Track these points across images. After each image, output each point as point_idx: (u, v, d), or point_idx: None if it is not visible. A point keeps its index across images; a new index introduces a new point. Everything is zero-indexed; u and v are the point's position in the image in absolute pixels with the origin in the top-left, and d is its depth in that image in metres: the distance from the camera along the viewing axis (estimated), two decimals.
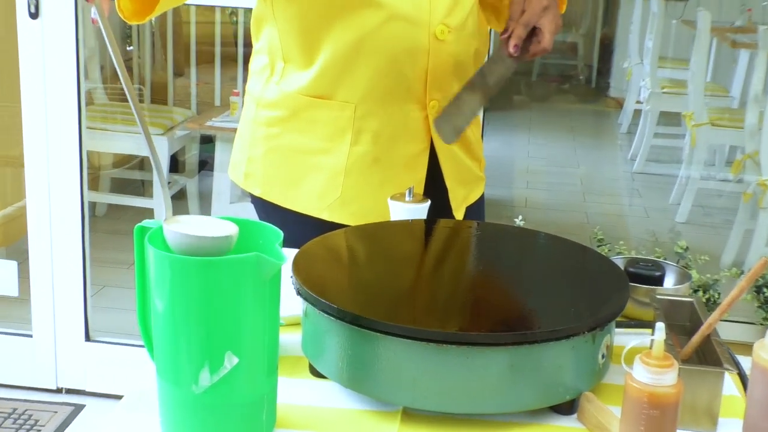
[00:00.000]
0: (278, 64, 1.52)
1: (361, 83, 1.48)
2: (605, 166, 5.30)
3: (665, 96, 5.04)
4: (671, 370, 0.88)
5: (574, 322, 0.98)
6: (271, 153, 1.55)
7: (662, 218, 4.32)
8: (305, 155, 1.53)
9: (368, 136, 1.50)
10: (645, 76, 5.23)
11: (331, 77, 1.48)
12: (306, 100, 1.50)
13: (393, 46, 1.45)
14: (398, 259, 1.23)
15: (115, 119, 3.96)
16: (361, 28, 1.44)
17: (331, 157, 1.51)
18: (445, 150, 1.54)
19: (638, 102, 5.58)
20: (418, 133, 1.52)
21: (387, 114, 1.49)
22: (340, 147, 1.50)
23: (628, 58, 6.03)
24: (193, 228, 0.92)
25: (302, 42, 1.48)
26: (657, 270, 1.30)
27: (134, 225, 1.00)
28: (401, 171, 1.52)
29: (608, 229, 3.83)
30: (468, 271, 1.22)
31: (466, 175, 1.61)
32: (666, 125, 5.07)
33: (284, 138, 1.54)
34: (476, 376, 0.95)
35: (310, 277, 1.06)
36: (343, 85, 1.49)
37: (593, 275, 1.17)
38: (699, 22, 4.27)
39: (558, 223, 4.31)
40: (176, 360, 0.91)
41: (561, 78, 7.51)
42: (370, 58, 1.45)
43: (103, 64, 4.27)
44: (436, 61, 1.47)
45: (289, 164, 1.54)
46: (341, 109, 1.48)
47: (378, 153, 1.51)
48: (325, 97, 1.49)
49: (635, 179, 4.99)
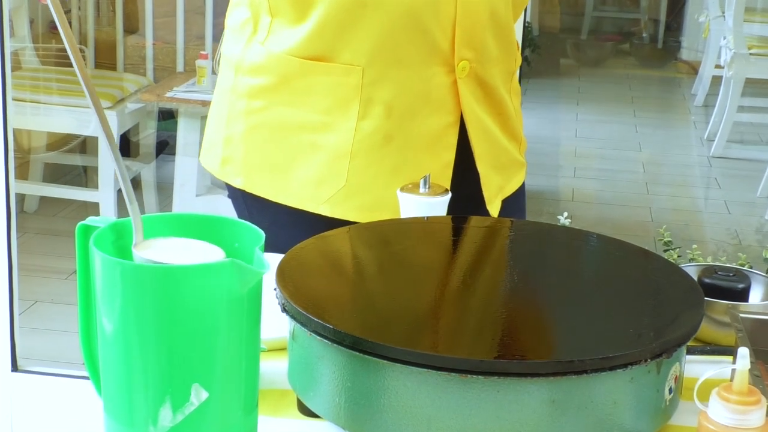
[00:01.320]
0: (264, 19, 1.54)
1: (369, 40, 1.50)
2: (675, 149, 5.32)
3: (753, 58, 5.05)
4: (758, 409, 0.89)
5: (634, 348, 0.99)
6: (255, 131, 1.57)
7: (748, 215, 4.34)
8: (299, 133, 1.55)
9: (380, 107, 1.52)
10: (727, 32, 5.24)
11: (332, 34, 1.50)
12: (300, 64, 1.53)
13: None
14: (412, 267, 1.24)
15: (50, 89, 3.98)
16: None
17: (333, 136, 1.53)
18: (478, 124, 1.55)
19: (718, 66, 5.59)
20: (444, 104, 1.54)
21: (404, 79, 1.52)
22: (344, 122, 1.53)
23: (705, 11, 6.05)
24: (172, 255, 0.93)
25: None
26: (740, 281, 1.30)
27: (73, 223, 1.00)
28: (422, 153, 1.54)
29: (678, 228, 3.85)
30: (500, 284, 1.23)
31: (503, 158, 1.63)
32: (754, 96, 5.07)
33: (272, 112, 1.56)
34: (509, 414, 0.96)
35: (299, 290, 1.07)
36: (348, 44, 1.51)
37: (658, 288, 1.18)
38: None
39: (614, 221, 4.33)
40: (130, 394, 0.92)
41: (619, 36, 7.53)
42: (380, 7, 1.48)
43: (33, 18, 4.29)
44: (467, 9, 1.49)
45: (279, 145, 1.56)
46: (345, 73, 1.51)
47: (392, 129, 1.53)
48: (325, 59, 1.51)
49: (713, 165, 5.01)
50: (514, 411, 0.97)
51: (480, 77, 1.56)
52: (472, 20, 1.50)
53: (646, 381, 1.00)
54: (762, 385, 1.01)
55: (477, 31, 1.51)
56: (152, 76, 4.57)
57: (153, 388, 0.91)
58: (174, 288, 0.89)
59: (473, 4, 1.49)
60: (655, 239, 3.23)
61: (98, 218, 1.01)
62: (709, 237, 4.19)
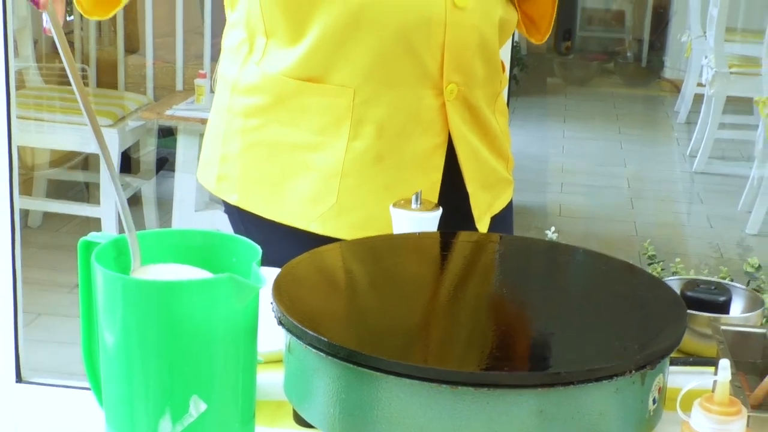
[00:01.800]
0: (259, 40, 1.55)
1: (361, 62, 1.51)
2: (658, 165, 5.33)
3: (734, 77, 5.07)
4: (738, 419, 0.89)
5: (619, 359, 0.99)
6: (251, 150, 1.57)
7: (729, 229, 4.35)
8: (293, 152, 1.55)
9: (371, 128, 1.52)
10: (708, 52, 5.26)
11: (325, 55, 1.51)
12: (294, 84, 1.53)
13: (401, 16, 1.48)
14: (404, 281, 1.25)
15: (53, 107, 3.97)
16: None
17: (325, 155, 1.53)
18: (466, 145, 1.56)
19: (700, 85, 5.61)
20: (432, 125, 1.55)
21: (394, 100, 1.52)
22: (336, 142, 1.53)
23: (687, 30, 6.06)
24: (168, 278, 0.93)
25: (289, 10, 1.51)
26: (721, 294, 1.31)
27: (76, 238, 1.01)
28: (411, 172, 1.54)
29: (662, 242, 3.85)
30: (489, 297, 1.23)
31: (490, 177, 1.64)
32: (734, 113, 5.09)
33: (267, 131, 1.56)
34: (499, 425, 0.96)
35: (295, 304, 1.07)
36: (340, 65, 1.51)
37: (642, 301, 1.18)
38: None
39: (600, 235, 4.33)
40: (130, 406, 0.92)
41: (604, 55, 7.54)
42: (372, 31, 1.48)
43: (36, 38, 4.29)
44: (455, 35, 1.50)
45: (273, 163, 1.56)
46: (337, 94, 1.51)
47: (383, 149, 1.53)
48: (318, 80, 1.52)
49: (696, 181, 5.02)
50: (503, 421, 0.97)
51: (467, 100, 1.56)
52: (461, 45, 1.51)
53: (631, 392, 1.00)
54: (742, 396, 1.01)
55: (465, 56, 1.52)
56: (152, 95, 4.57)
57: (153, 400, 0.91)
58: (173, 303, 0.89)
59: (462, 30, 1.50)
60: (640, 253, 3.23)
61: (100, 234, 1.01)
62: (692, 250, 4.20)
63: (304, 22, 1.50)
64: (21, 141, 3.06)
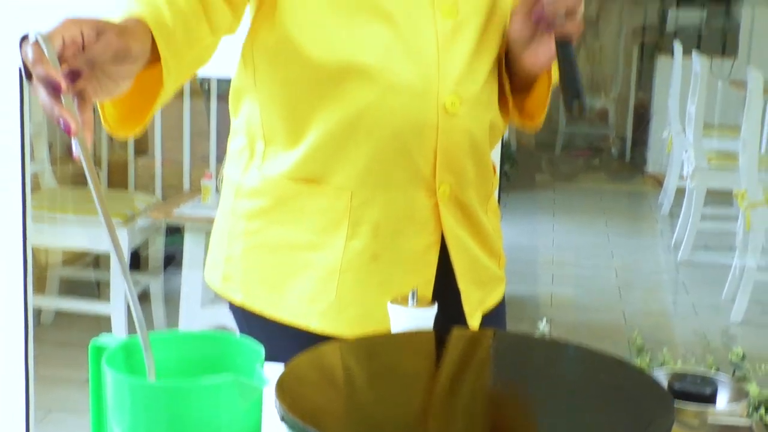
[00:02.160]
0: (258, 145, 1.57)
1: (358, 165, 1.51)
2: (644, 256, 5.34)
3: (713, 171, 5.12)
4: None
5: None
6: (253, 251, 1.58)
7: (714, 317, 4.34)
8: (293, 252, 1.56)
9: (367, 228, 1.53)
10: (688, 147, 5.31)
11: (323, 158, 1.52)
12: (293, 186, 1.54)
13: (396, 121, 1.49)
14: (402, 378, 1.24)
15: (66, 207, 3.99)
16: (355, 103, 1.48)
17: (324, 254, 1.54)
18: (459, 244, 1.57)
19: (681, 179, 5.65)
20: (426, 225, 1.55)
21: (389, 202, 1.53)
22: (335, 242, 1.53)
23: (668, 127, 6.13)
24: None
25: (288, 117, 1.53)
26: (708, 385, 1.30)
27: (88, 335, 1.01)
28: (406, 270, 1.55)
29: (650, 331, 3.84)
30: (483, 393, 1.22)
31: (482, 274, 1.64)
32: (715, 205, 5.11)
33: (268, 233, 1.57)
34: None
35: (297, 401, 1.07)
36: (337, 168, 1.52)
37: (631, 395, 1.18)
38: (750, 83, 4.36)
39: (590, 325, 4.32)
40: None
41: (590, 151, 7.61)
42: (369, 136, 1.49)
43: (51, 141, 4.33)
44: (447, 139, 1.51)
45: (274, 264, 1.57)
46: (335, 196, 1.52)
47: (379, 248, 1.53)
48: (316, 182, 1.53)
49: (680, 271, 5.04)
50: None
51: (459, 200, 1.57)
52: (453, 148, 1.52)
53: None
54: None
55: (457, 159, 1.53)
56: (160, 194, 4.59)
57: None
58: (181, 405, 0.89)
59: (454, 134, 1.51)
60: (629, 341, 3.22)
61: (109, 336, 1.01)
62: (679, 339, 4.19)
63: (302, 127, 1.52)
64: (35, 240, 3.07)
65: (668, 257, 5.42)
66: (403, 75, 1.48)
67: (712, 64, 5.88)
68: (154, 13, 1.33)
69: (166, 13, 1.36)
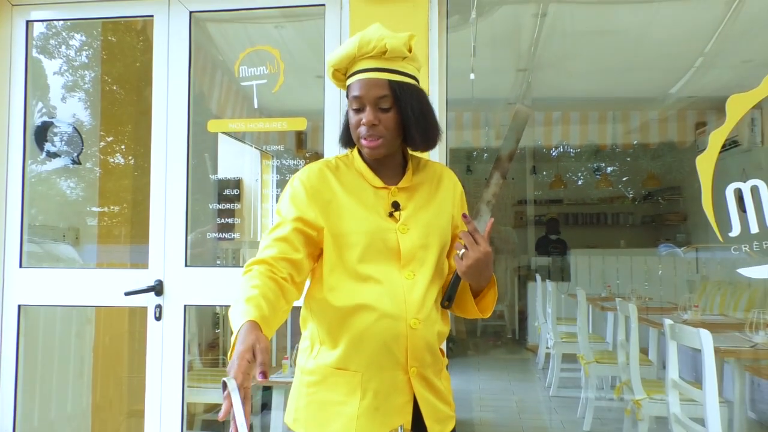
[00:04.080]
0: (316, 346, 1.66)
1: (365, 359, 1.60)
2: (530, 393, 5.20)
3: (564, 343, 5.11)
4: None
5: None
6: (310, 405, 1.65)
7: (572, 428, 4.17)
8: (331, 406, 1.61)
9: (371, 393, 1.58)
10: (549, 331, 5.31)
11: (346, 356, 1.61)
12: (331, 370, 1.62)
13: (384, 334, 1.58)
14: None
15: (206, 379, 3.93)
16: (363, 324, 1.59)
17: (347, 408, 1.59)
18: (424, 400, 1.63)
19: (547, 348, 5.62)
20: (404, 390, 1.60)
21: (383, 379, 1.58)
22: (353, 401, 1.58)
23: (537, 320, 6.11)
24: None
25: (328, 333, 1.64)
26: None
27: None
28: (394, 415, 1.59)
29: None
30: None
31: (440, 415, 1.66)
32: (568, 362, 5.05)
33: (318, 395, 1.63)
34: None
35: None
36: (354, 361, 1.61)
37: None
38: (578, 296, 4.46)
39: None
40: None
41: (496, 337, 7.54)
42: (370, 342, 1.59)
43: (200, 342, 4.28)
44: (413, 342, 1.58)
45: (320, 412, 1.64)
46: (353, 376, 1.59)
47: (378, 404, 1.58)
48: (343, 368, 1.60)
49: (552, 401, 4.90)
50: None
51: (423, 375, 1.62)
52: (417, 347, 1.60)
53: None
54: None
55: (419, 352, 1.60)
56: None
57: None
58: None
59: (416, 339, 1.59)
60: None
61: None
62: None
63: (336, 338, 1.62)
64: (188, 399, 2.90)
65: (544, 393, 5.27)
66: (388, 308, 1.57)
67: (558, 285, 5.95)
68: (260, 314, 1.36)
69: (265, 307, 1.38)
